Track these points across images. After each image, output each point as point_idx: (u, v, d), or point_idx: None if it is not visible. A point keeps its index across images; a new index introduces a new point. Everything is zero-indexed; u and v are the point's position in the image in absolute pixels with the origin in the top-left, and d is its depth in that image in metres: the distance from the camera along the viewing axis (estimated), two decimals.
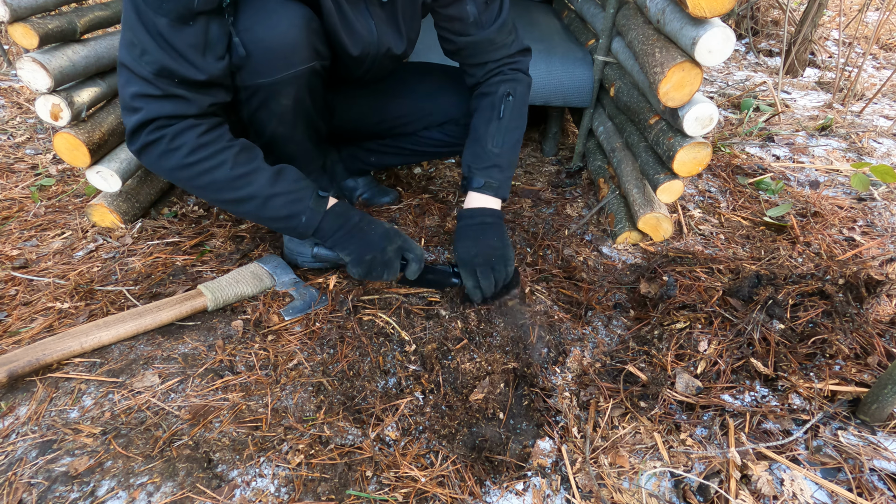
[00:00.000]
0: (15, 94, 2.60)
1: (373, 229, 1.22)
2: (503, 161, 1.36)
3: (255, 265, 1.42)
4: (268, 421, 1.07)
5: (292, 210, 1.16)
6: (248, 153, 1.14)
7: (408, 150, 1.67)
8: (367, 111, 1.58)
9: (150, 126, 1.05)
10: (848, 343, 1.19)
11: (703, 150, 1.44)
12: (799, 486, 0.94)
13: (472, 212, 1.34)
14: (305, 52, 1.17)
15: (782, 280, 1.34)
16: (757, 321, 1.23)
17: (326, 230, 1.20)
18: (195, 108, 1.07)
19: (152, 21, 0.97)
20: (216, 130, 1.11)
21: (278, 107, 1.23)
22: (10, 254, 1.50)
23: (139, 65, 1.00)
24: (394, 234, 1.24)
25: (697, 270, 1.46)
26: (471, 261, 1.27)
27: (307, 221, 1.17)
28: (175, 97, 1.04)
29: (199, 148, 1.07)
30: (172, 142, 1.06)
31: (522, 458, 1.05)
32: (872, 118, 2.76)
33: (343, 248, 1.21)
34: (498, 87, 1.37)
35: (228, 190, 1.12)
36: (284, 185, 1.15)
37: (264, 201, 1.13)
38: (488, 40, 1.32)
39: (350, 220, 1.22)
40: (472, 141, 1.38)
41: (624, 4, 1.83)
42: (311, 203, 1.17)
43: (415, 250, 1.24)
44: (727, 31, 1.25)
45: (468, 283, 1.28)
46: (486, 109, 1.37)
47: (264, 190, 1.13)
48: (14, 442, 1.01)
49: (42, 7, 1.39)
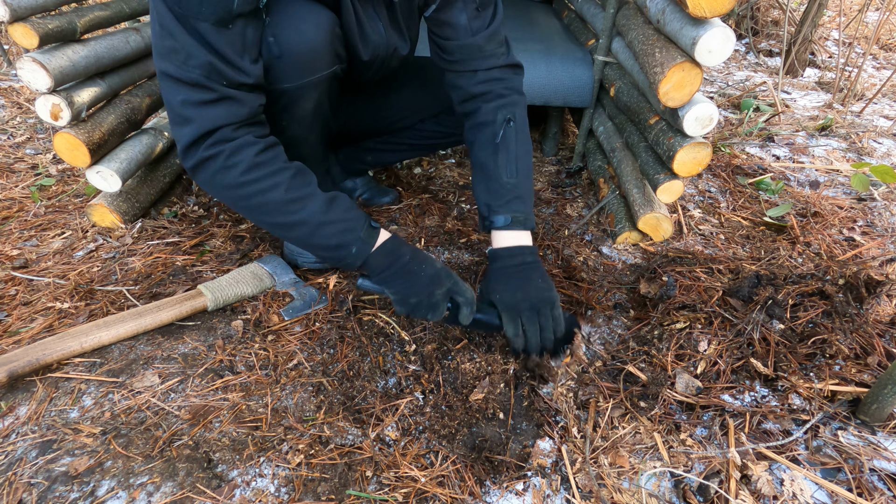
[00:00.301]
0: (15, 94, 2.60)
1: (423, 270, 1.16)
2: (522, 191, 1.28)
3: (255, 265, 1.42)
4: (268, 421, 1.07)
5: (342, 240, 1.11)
6: (303, 177, 1.10)
7: (405, 145, 1.67)
8: (367, 111, 1.59)
9: (209, 140, 1.01)
10: (848, 343, 1.19)
11: (703, 150, 1.44)
12: (799, 486, 0.94)
13: (508, 251, 1.24)
14: (329, 58, 1.17)
15: (782, 280, 1.34)
16: (757, 321, 1.23)
17: (375, 266, 1.15)
18: (247, 109, 1.04)
19: (192, 26, 0.95)
20: (273, 150, 1.08)
21: (300, 111, 1.22)
22: (10, 254, 1.50)
23: (185, 70, 0.97)
24: (444, 277, 1.17)
25: (697, 270, 1.46)
26: (515, 306, 1.17)
27: (357, 253, 1.12)
28: (228, 99, 1.01)
29: (255, 167, 1.04)
30: (230, 158, 1.02)
31: (522, 458, 1.05)
32: (872, 118, 2.76)
33: (390, 286, 1.16)
34: (496, 114, 1.29)
35: (280, 214, 1.08)
36: (337, 214, 1.11)
37: (315, 228, 1.10)
38: (477, 47, 1.27)
39: (400, 258, 1.16)
40: (482, 177, 1.29)
41: (624, 4, 1.83)
42: (362, 234, 1.13)
43: (465, 294, 1.17)
44: (727, 31, 1.25)
45: (509, 330, 1.17)
46: (488, 141, 1.28)
47: (316, 217, 1.09)
48: (14, 442, 1.01)
49: (42, 7, 1.39)
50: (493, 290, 1.21)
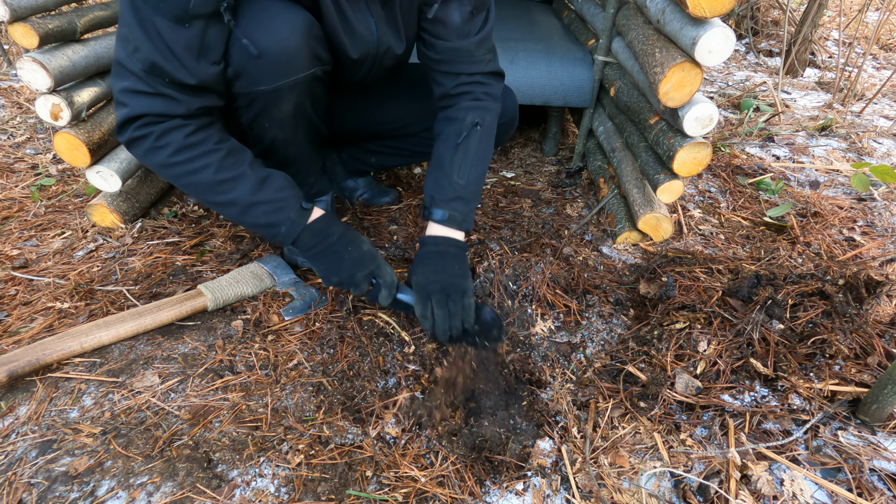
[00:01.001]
0: (15, 94, 2.60)
1: (348, 252, 1.21)
2: (468, 193, 1.31)
3: (255, 265, 1.42)
4: (268, 421, 1.07)
5: (272, 219, 1.15)
6: (235, 157, 1.12)
7: (408, 151, 1.67)
8: (369, 113, 1.58)
9: (138, 122, 1.04)
10: (848, 343, 1.19)
11: (703, 150, 1.44)
12: (799, 486, 0.94)
13: (434, 240, 1.29)
14: (306, 60, 1.16)
15: (782, 280, 1.34)
16: (756, 321, 1.23)
17: (303, 244, 1.20)
18: (183, 108, 1.05)
19: (150, 19, 0.96)
20: (204, 131, 1.09)
21: (279, 113, 1.22)
22: (10, 254, 1.50)
23: (131, 60, 1.00)
24: (368, 259, 1.22)
25: (697, 270, 1.46)
26: (425, 287, 1.21)
27: (287, 232, 1.17)
28: (163, 96, 1.03)
29: (184, 149, 1.06)
30: (158, 140, 1.05)
31: (522, 458, 1.05)
32: (872, 118, 2.76)
33: (315, 264, 1.23)
34: (466, 115, 1.31)
35: (211, 193, 1.11)
36: (267, 194, 1.14)
37: (245, 208, 1.13)
38: (466, 51, 1.28)
39: (328, 238, 1.21)
40: (435, 168, 1.32)
41: (624, 4, 1.83)
42: (292, 214, 1.16)
43: (385, 277, 1.23)
44: (727, 31, 1.25)
45: (417, 310, 1.21)
46: (451, 136, 1.31)
47: (246, 197, 1.12)
48: (14, 442, 1.01)
49: (42, 7, 1.39)
50: (412, 272, 1.27)
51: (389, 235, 1.68)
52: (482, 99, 1.34)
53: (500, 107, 1.39)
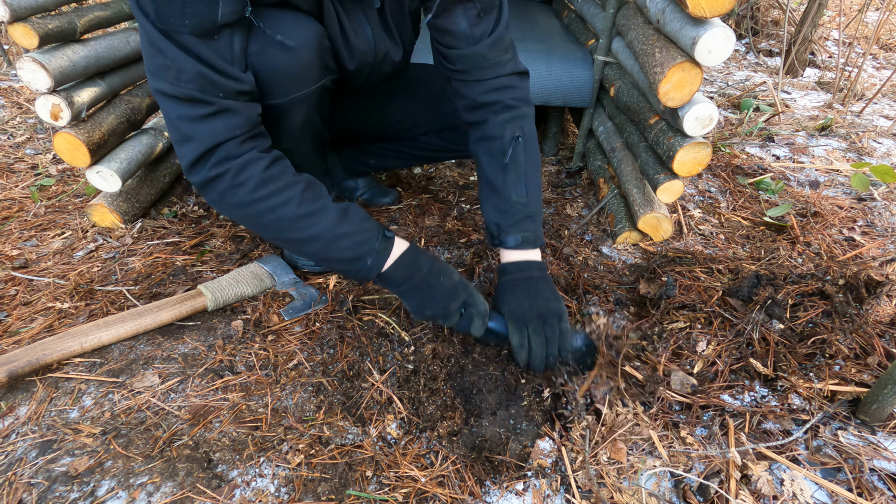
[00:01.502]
0: (15, 94, 2.60)
1: (440, 283, 1.15)
2: (532, 209, 1.25)
3: (255, 265, 1.43)
4: (268, 421, 1.07)
5: (357, 252, 1.09)
6: (314, 190, 1.08)
7: (407, 154, 1.67)
8: (368, 115, 1.58)
9: (213, 158, 0.99)
10: (848, 343, 1.19)
11: (703, 150, 1.44)
12: (799, 486, 0.94)
13: (516, 266, 1.24)
14: (317, 72, 1.16)
15: (782, 280, 1.34)
16: (756, 321, 1.23)
17: (393, 279, 1.14)
18: (244, 119, 1.01)
19: (179, 41, 0.92)
20: (280, 164, 1.06)
21: (290, 124, 1.21)
22: (10, 254, 1.50)
23: (178, 85, 0.94)
24: (461, 290, 1.16)
25: (697, 270, 1.46)
26: (522, 315, 1.16)
27: (372, 265, 1.10)
28: (224, 111, 0.98)
29: (265, 183, 1.02)
30: (238, 176, 1.00)
31: (522, 458, 1.05)
32: (872, 118, 2.76)
33: (407, 299, 1.17)
34: (503, 130, 1.25)
35: (293, 230, 1.06)
36: (350, 226, 1.09)
37: (329, 242, 1.07)
38: (480, 56, 1.21)
39: (419, 271, 1.14)
40: (490, 193, 1.27)
41: (624, 4, 1.83)
42: (377, 245, 1.10)
43: (478, 306, 1.16)
44: (727, 31, 1.25)
45: (514, 339, 1.15)
46: (496, 156, 1.26)
47: (330, 231, 1.07)
48: (14, 442, 1.01)
49: (42, 7, 1.39)
50: (501, 300, 1.21)
51: None
52: (514, 106, 1.27)
53: (533, 109, 1.32)
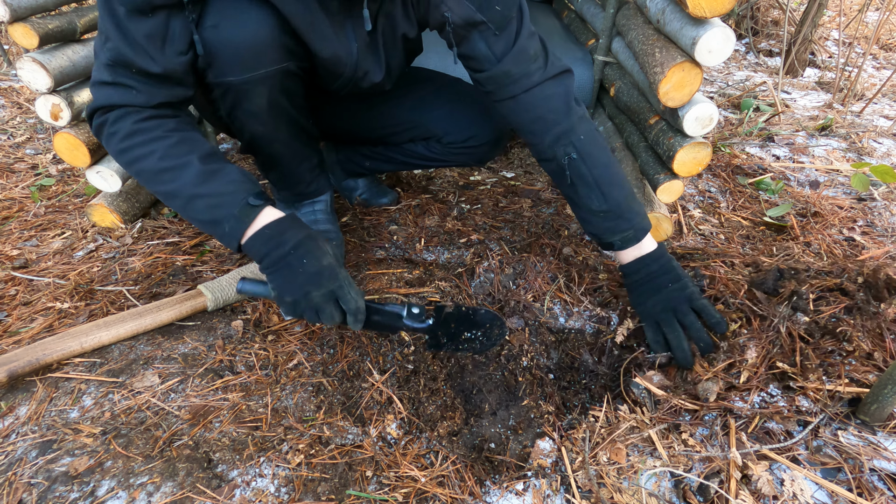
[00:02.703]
0: (15, 94, 2.60)
1: (303, 266, 1.03)
2: (620, 210, 1.22)
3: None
4: (268, 421, 1.07)
5: (215, 215, 1.04)
6: (186, 146, 1.05)
7: (397, 160, 1.66)
8: (358, 118, 1.57)
9: (99, 111, 1.06)
10: (867, 342, 1.16)
11: (703, 150, 1.44)
12: (799, 486, 0.94)
13: (632, 267, 1.24)
14: (276, 53, 1.13)
15: (804, 274, 1.30)
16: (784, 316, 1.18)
17: (254, 253, 1.05)
18: (143, 99, 1.04)
19: (114, 9, 0.98)
20: (158, 120, 1.06)
21: (252, 106, 1.20)
22: (10, 254, 1.50)
23: (102, 51, 1.02)
24: (327, 277, 1.03)
25: (714, 263, 1.44)
26: (651, 315, 1.17)
27: (230, 232, 1.04)
28: (124, 86, 1.03)
29: (132, 134, 1.04)
30: (112, 126, 1.05)
31: (522, 458, 1.05)
32: (872, 118, 2.76)
33: (270, 279, 1.06)
34: (554, 152, 1.23)
35: (155, 182, 1.06)
36: (211, 187, 1.03)
37: (188, 200, 1.04)
38: (504, 73, 1.19)
39: (280, 247, 1.03)
40: (575, 207, 1.29)
41: (624, 4, 1.83)
42: (236, 211, 1.03)
43: (348, 302, 1.04)
44: (727, 31, 1.25)
45: (648, 335, 1.17)
46: (559, 175, 1.26)
47: (187, 189, 1.03)
48: (14, 442, 1.01)
49: (42, 7, 1.40)
50: (633, 304, 1.25)
51: (389, 235, 1.67)
52: (557, 122, 1.22)
53: (581, 108, 1.26)
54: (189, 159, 1.04)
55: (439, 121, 1.50)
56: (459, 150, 1.53)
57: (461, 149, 1.53)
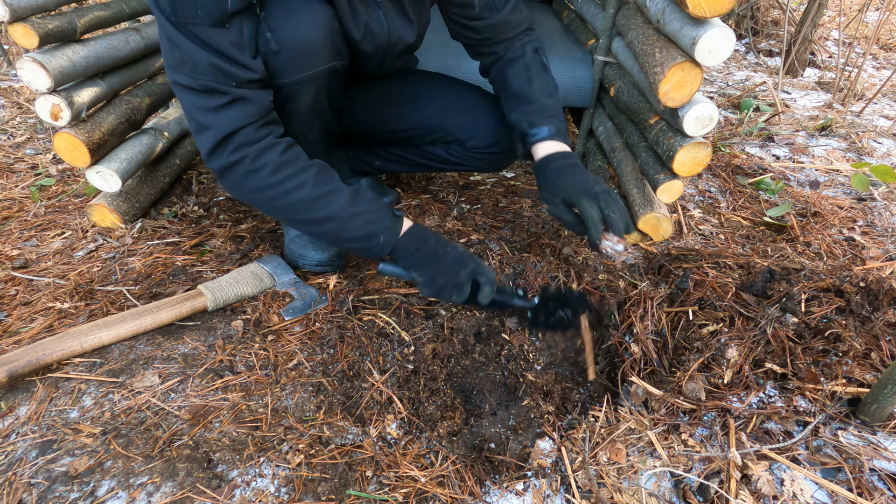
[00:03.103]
0: (15, 94, 2.60)
1: (448, 253, 1.19)
2: (559, 111, 1.36)
3: (254, 265, 1.42)
4: (268, 421, 1.07)
5: (371, 230, 1.15)
6: (326, 173, 1.14)
7: (412, 161, 1.67)
8: (377, 118, 1.58)
9: (230, 144, 1.05)
10: (859, 342, 1.17)
11: (703, 150, 1.44)
12: (799, 486, 0.94)
13: (560, 154, 1.31)
14: (327, 52, 1.17)
15: (795, 275, 1.31)
16: (772, 317, 1.20)
17: (402, 251, 1.19)
18: (257, 107, 1.06)
19: (192, 32, 0.97)
20: (294, 149, 1.11)
21: (297, 106, 1.23)
22: (10, 254, 1.50)
23: (195, 77, 1.00)
24: (468, 259, 1.20)
25: (705, 266, 1.44)
26: (589, 190, 1.21)
27: (385, 241, 1.16)
28: (239, 100, 1.04)
29: (281, 167, 1.08)
30: (255, 161, 1.06)
31: (522, 458, 1.05)
32: (872, 118, 2.76)
33: (417, 269, 1.19)
34: (524, 49, 1.38)
35: (309, 211, 1.12)
36: (362, 206, 1.15)
37: (344, 222, 1.13)
38: (504, 21, 1.35)
39: (426, 242, 1.20)
40: (519, 102, 1.35)
41: (624, 4, 1.83)
42: (388, 223, 1.16)
43: (487, 274, 1.20)
44: (727, 31, 1.25)
45: (593, 212, 1.19)
46: (521, 72, 1.37)
47: (344, 210, 1.12)
48: (14, 442, 1.01)
49: (42, 7, 1.39)
50: (558, 186, 1.25)
51: None
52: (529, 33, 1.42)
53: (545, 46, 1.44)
54: (336, 185, 1.14)
55: (464, 126, 1.53)
56: (481, 155, 1.56)
57: (483, 154, 1.56)
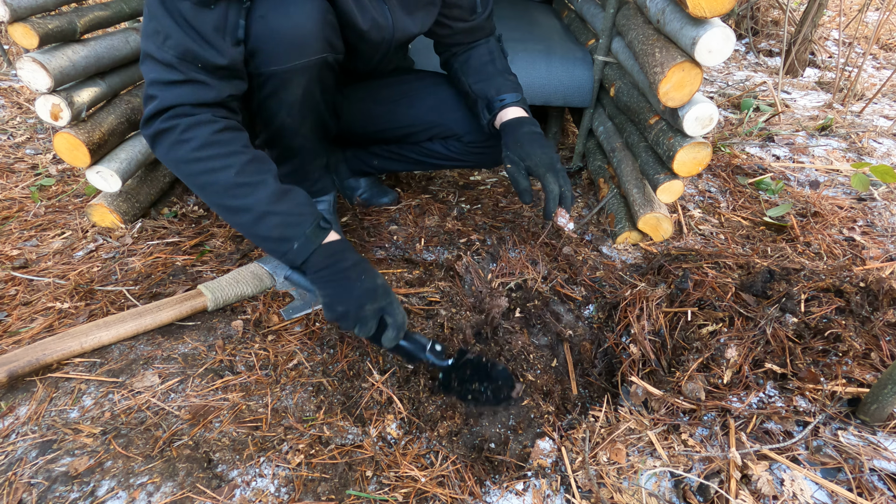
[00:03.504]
0: (15, 94, 2.60)
1: (361, 281, 1.09)
2: (520, 86, 1.46)
3: (254, 265, 1.42)
4: (268, 421, 1.07)
5: (286, 233, 1.08)
6: (260, 165, 1.09)
7: (411, 159, 1.68)
8: (375, 116, 1.59)
9: (167, 113, 1.04)
10: (859, 342, 1.17)
11: (703, 150, 1.44)
12: (799, 486, 0.94)
13: (528, 119, 1.39)
14: (319, 43, 1.18)
15: (795, 275, 1.31)
16: (772, 318, 1.20)
17: (313, 264, 1.11)
18: (214, 94, 1.05)
19: (175, 6, 0.99)
20: (233, 133, 1.08)
21: (288, 96, 1.23)
22: (10, 254, 1.50)
23: (162, 51, 1.01)
24: (381, 295, 1.09)
25: (704, 266, 1.44)
26: (552, 166, 1.30)
27: (298, 249, 1.09)
28: (195, 82, 1.03)
29: (210, 144, 1.04)
30: (185, 133, 1.04)
31: (522, 458, 1.05)
32: (872, 118, 2.76)
33: (322, 288, 1.11)
34: (487, 40, 1.50)
35: (227, 196, 1.07)
36: (285, 206, 1.08)
37: (259, 217, 1.07)
38: (479, 26, 1.45)
39: (342, 262, 1.11)
40: (482, 75, 1.44)
41: (624, 4, 1.83)
42: (308, 231, 1.09)
43: (396, 316, 1.09)
44: (727, 31, 1.25)
45: (554, 188, 1.28)
46: (484, 54, 1.48)
47: (262, 205, 1.07)
48: (14, 442, 1.01)
49: (42, 7, 1.39)
50: (526, 153, 1.32)
51: (389, 235, 1.67)
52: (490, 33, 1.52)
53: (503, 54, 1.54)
54: (265, 178, 1.08)
55: (461, 121, 1.54)
56: (479, 149, 1.58)
57: (481, 148, 1.57)
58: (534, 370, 1.24)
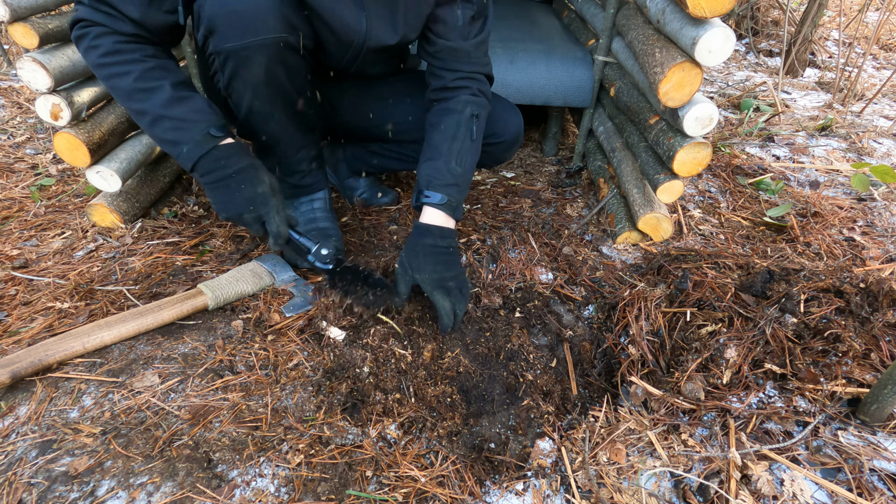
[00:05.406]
0: (15, 94, 2.60)
1: (240, 190, 1.19)
2: (463, 182, 1.34)
3: (254, 263, 1.43)
4: (268, 421, 1.07)
5: (176, 136, 1.16)
6: (161, 72, 1.16)
7: (410, 158, 1.67)
8: (373, 114, 1.58)
9: (82, 23, 1.13)
10: (858, 342, 1.17)
11: (703, 150, 1.44)
12: (799, 486, 0.94)
13: (439, 230, 1.30)
14: (275, 22, 1.16)
15: (795, 276, 1.31)
16: (772, 318, 1.20)
17: (200, 170, 1.19)
18: (128, 27, 1.12)
19: None
20: (138, 44, 1.15)
21: (250, 76, 1.22)
22: (10, 254, 1.50)
23: None
24: (259, 203, 1.20)
25: (704, 266, 1.45)
26: (444, 285, 1.24)
27: (187, 153, 1.17)
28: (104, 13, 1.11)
29: (113, 53, 1.12)
30: (93, 40, 1.12)
31: (522, 458, 1.05)
32: (872, 118, 2.76)
33: (208, 193, 1.22)
34: (465, 107, 1.37)
35: (130, 100, 1.16)
36: (178, 111, 1.16)
37: (155, 120, 1.16)
38: (465, 51, 1.36)
39: (226, 168, 1.19)
40: (432, 156, 1.34)
41: (624, 4, 1.83)
42: (197, 136, 1.16)
43: (272, 224, 1.21)
44: (727, 31, 1.25)
45: (445, 304, 1.23)
46: (450, 127, 1.35)
47: (156, 109, 1.15)
48: (14, 442, 1.01)
49: (42, 7, 1.39)
50: (417, 266, 1.26)
51: (389, 235, 1.68)
52: (478, 95, 1.40)
53: (490, 108, 1.45)
54: (162, 84, 1.15)
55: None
56: None
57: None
58: (534, 370, 1.24)
